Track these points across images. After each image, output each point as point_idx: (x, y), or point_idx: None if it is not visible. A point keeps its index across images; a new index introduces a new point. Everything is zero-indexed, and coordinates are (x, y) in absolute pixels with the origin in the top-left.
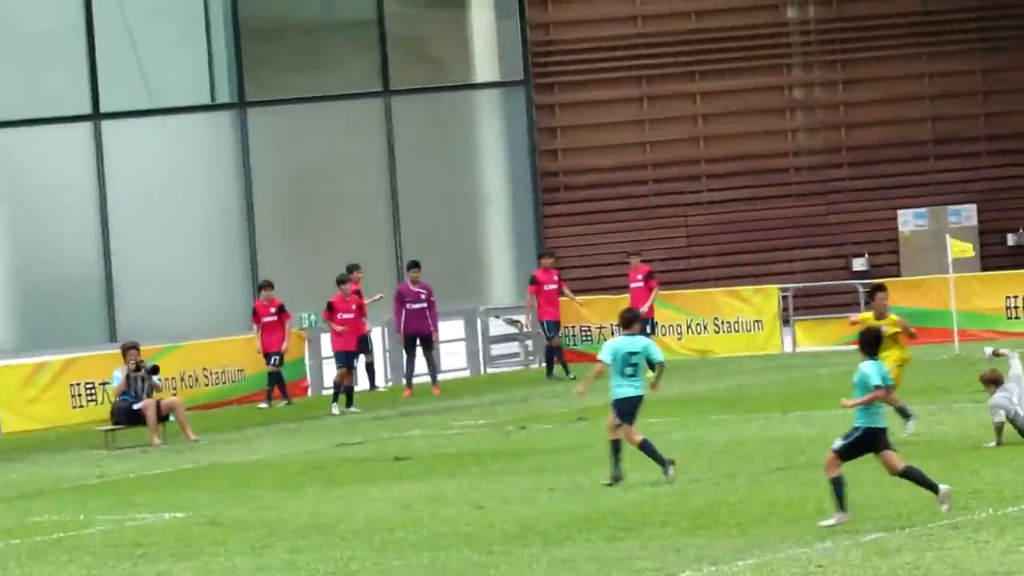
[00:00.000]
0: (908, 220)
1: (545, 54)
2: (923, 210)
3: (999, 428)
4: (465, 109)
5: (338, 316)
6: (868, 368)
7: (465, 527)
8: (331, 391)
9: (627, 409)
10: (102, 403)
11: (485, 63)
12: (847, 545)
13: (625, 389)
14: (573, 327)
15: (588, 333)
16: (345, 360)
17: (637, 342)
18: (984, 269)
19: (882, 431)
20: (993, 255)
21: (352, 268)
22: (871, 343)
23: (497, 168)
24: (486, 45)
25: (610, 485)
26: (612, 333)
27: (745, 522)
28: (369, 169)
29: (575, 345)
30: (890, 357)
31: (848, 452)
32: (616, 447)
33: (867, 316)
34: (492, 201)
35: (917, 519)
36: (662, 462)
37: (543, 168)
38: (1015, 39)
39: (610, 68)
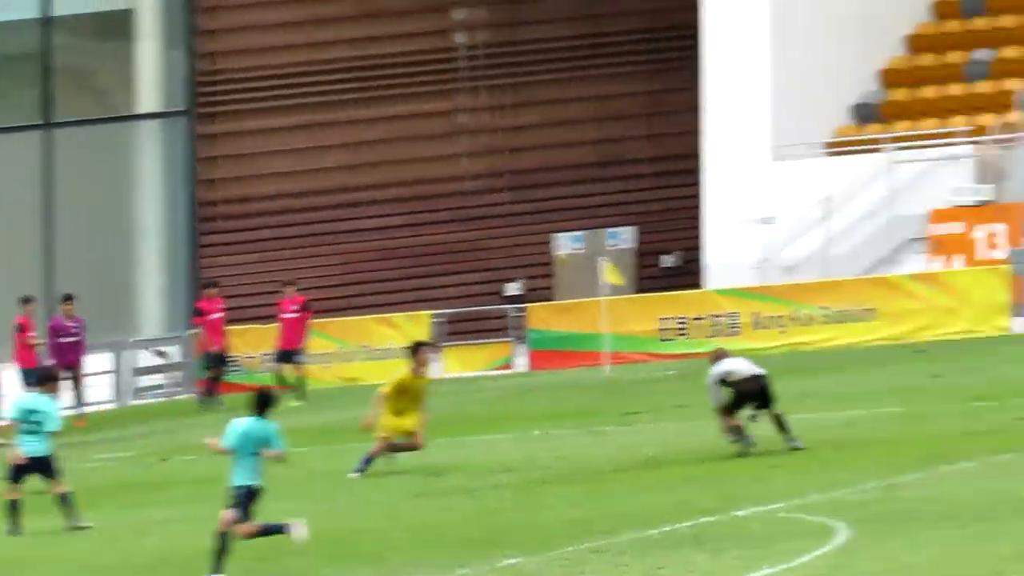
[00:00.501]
0: (565, 243)
1: (211, 83)
2: (579, 233)
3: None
4: (126, 140)
5: None
6: (258, 427)
7: (98, 560)
8: None
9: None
10: None
11: (150, 94)
12: (485, 571)
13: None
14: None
15: (237, 363)
16: None
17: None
18: (640, 291)
19: (259, 490)
20: (649, 276)
21: (25, 300)
22: (264, 402)
23: (155, 198)
24: (152, 76)
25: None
26: (260, 363)
27: (384, 549)
28: (26, 202)
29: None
30: (409, 421)
31: (246, 514)
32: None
33: (404, 376)
34: (148, 232)
35: (558, 543)
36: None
37: (201, 198)
38: (678, 60)
39: (277, 96)
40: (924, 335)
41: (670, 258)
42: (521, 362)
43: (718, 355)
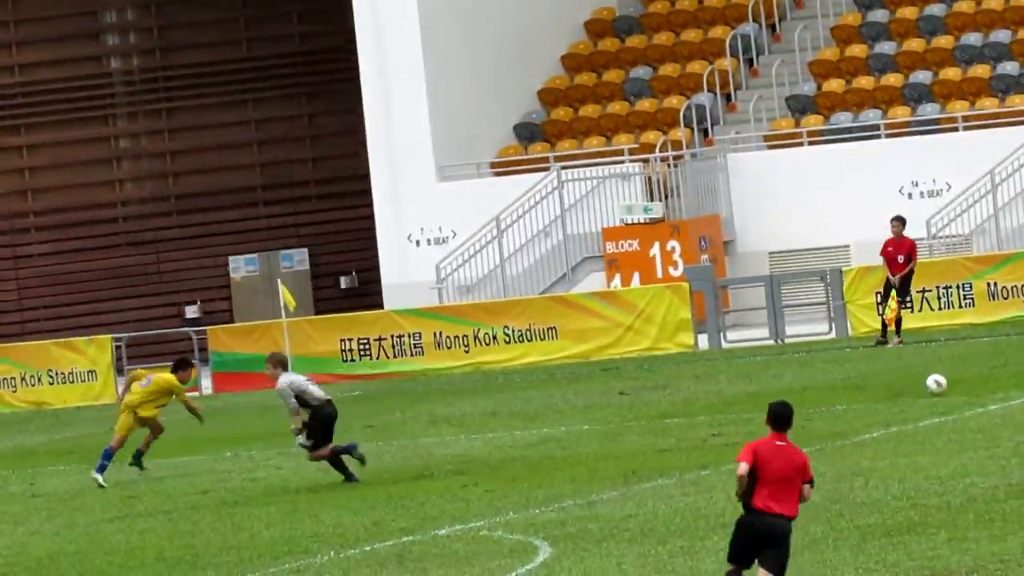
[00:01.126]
0: (239, 266)
1: None
2: (254, 256)
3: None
4: None
5: None
6: None
7: None
8: None
9: None
10: None
11: None
12: None
13: None
14: None
15: None
16: None
17: None
18: (318, 312)
19: None
20: (326, 298)
21: None
22: None
23: None
24: None
25: None
26: None
27: (86, 571)
28: None
29: None
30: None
31: None
32: None
33: (173, 382)
34: None
35: (258, 564)
36: None
37: None
38: (336, 82)
39: None
40: (608, 353)
41: (347, 279)
42: (206, 384)
43: (282, 361)
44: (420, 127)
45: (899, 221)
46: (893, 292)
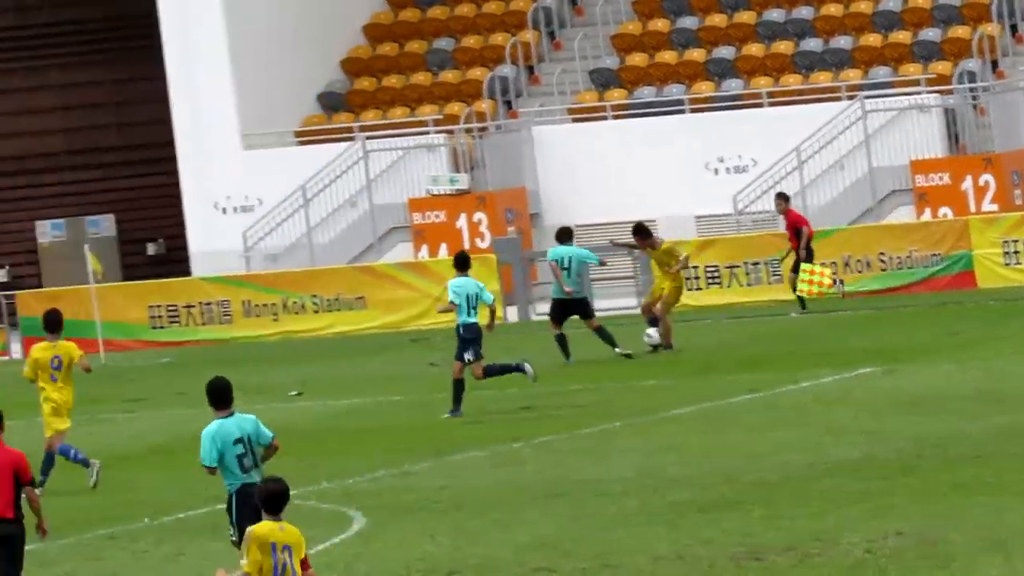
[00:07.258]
0: (46, 231)
1: None
2: (60, 221)
3: None
4: None
5: None
6: None
7: None
8: None
9: None
10: None
11: None
12: None
13: None
14: None
15: None
16: None
17: None
18: (126, 279)
19: None
20: (134, 264)
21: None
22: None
23: None
24: None
25: None
26: None
27: None
28: None
29: None
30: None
31: None
32: None
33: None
34: None
35: (74, 530)
36: None
37: None
38: (141, 49)
39: None
40: (418, 323)
41: (154, 246)
42: (16, 349)
43: None
44: (224, 94)
45: (782, 199)
46: (802, 265)
